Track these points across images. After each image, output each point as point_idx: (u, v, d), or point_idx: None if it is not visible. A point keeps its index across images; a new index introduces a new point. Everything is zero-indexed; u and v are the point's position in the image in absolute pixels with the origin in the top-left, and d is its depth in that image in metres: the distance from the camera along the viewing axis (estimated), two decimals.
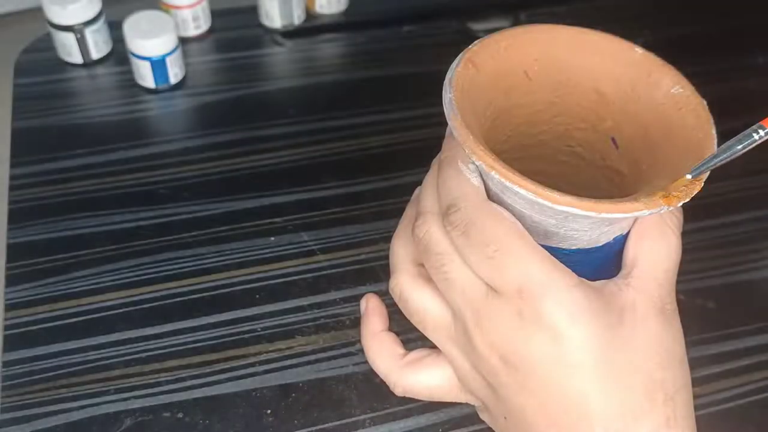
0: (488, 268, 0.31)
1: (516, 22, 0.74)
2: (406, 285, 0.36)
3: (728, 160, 0.31)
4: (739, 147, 0.30)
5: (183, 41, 0.68)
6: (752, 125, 0.34)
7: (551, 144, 0.38)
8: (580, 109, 0.37)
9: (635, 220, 0.34)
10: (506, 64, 0.35)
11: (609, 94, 0.36)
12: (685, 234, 0.59)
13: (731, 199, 0.60)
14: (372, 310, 0.40)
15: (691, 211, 0.61)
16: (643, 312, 0.31)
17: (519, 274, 0.30)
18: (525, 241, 0.30)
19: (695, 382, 0.51)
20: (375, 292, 0.42)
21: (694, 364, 0.51)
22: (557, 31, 0.37)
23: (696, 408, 0.49)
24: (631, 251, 0.33)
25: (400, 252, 0.37)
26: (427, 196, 0.35)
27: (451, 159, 0.33)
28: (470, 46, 0.35)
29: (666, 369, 0.32)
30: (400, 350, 0.38)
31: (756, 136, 0.30)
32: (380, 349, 0.38)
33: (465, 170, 0.33)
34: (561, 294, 0.30)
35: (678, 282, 0.55)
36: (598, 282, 0.32)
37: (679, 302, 0.55)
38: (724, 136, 0.31)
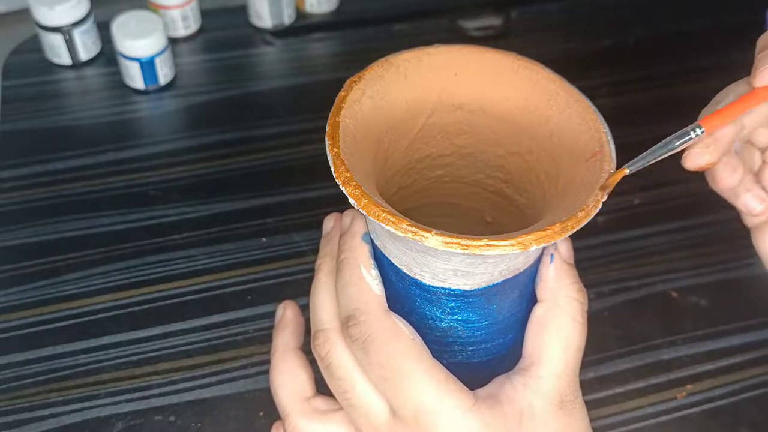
0: (386, 390, 0.30)
1: (507, 20, 0.74)
2: (306, 429, 0.34)
3: (665, 156, 0.30)
4: (677, 143, 0.30)
5: (172, 41, 0.68)
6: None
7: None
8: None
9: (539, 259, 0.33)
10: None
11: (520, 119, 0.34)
12: (678, 231, 0.59)
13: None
14: (288, 321, 0.37)
15: (683, 209, 0.61)
16: (541, 413, 0.31)
17: (413, 400, 0.30)
18: (420, 364, 0.30)
19: (689, 379, 0.51)
20: None
21: (687, 361, 0.51)
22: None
23: (689, 406, 0.49)
24: (529, 344, 0.32)
25: (285, 393, 0.35)
26: (323, 308, 0.33)
27: (351, 262, 0.32)
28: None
29: None
30: (309, 390, 0.35)
31: (693, 134, 0.30)
32: (288, 380, 0.35)
33: (367, 276, 0.31)
34: (455, 422, 0.29)
35: (671, 280, 0.55)
36: (496, 383, 0.32)
37: (671, 300, 0.55)
38: None
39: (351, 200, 0.28)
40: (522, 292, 0.33)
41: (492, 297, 0.31)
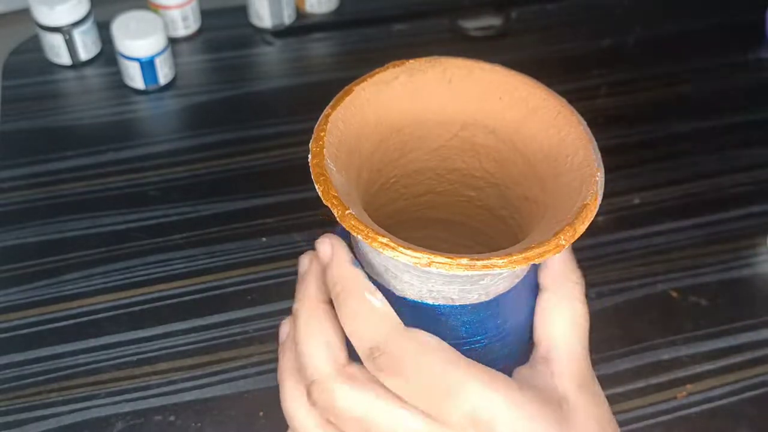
0: (433, 406, 0.30)
1: (507, 20, 0.74)
2: (343, 398, 0.30)
3: None
4: None
5: (172, 41, 0.68)
6: (746, 121, 0.32)
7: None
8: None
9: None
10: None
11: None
12: (677, 231, 0.59)
13: (724, 196, 0.60)
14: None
15: (683, 208, 0.61)
16: (573, 400, 0.32)
17: (466, 407, 0.29)
18: (460, 369, 0.30)
19: (689, 379, 0.51)
20: None
21: (687, 361, 0.51)
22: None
23: (690, 405, 0.49)
24: (541, 332, 0.33)
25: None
26: (310, 356, 0.30)
27: (353, 292, 0.30)
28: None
29: None
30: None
31: None
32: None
33: (374, 301, 0.30)
34: (510, 411, 0.30)
35: (671, 279, 0.55)
36: (525, 373, 0.32)
37: (671, 300, 0.55)
38: (718, 133, 0.30)
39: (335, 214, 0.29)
40: (505, 315, 0.33)
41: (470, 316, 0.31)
